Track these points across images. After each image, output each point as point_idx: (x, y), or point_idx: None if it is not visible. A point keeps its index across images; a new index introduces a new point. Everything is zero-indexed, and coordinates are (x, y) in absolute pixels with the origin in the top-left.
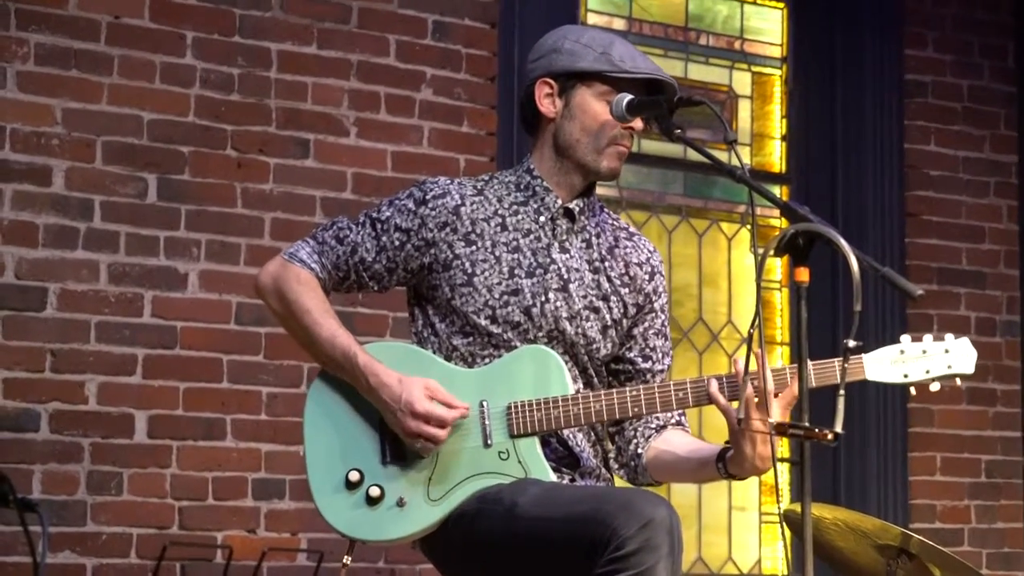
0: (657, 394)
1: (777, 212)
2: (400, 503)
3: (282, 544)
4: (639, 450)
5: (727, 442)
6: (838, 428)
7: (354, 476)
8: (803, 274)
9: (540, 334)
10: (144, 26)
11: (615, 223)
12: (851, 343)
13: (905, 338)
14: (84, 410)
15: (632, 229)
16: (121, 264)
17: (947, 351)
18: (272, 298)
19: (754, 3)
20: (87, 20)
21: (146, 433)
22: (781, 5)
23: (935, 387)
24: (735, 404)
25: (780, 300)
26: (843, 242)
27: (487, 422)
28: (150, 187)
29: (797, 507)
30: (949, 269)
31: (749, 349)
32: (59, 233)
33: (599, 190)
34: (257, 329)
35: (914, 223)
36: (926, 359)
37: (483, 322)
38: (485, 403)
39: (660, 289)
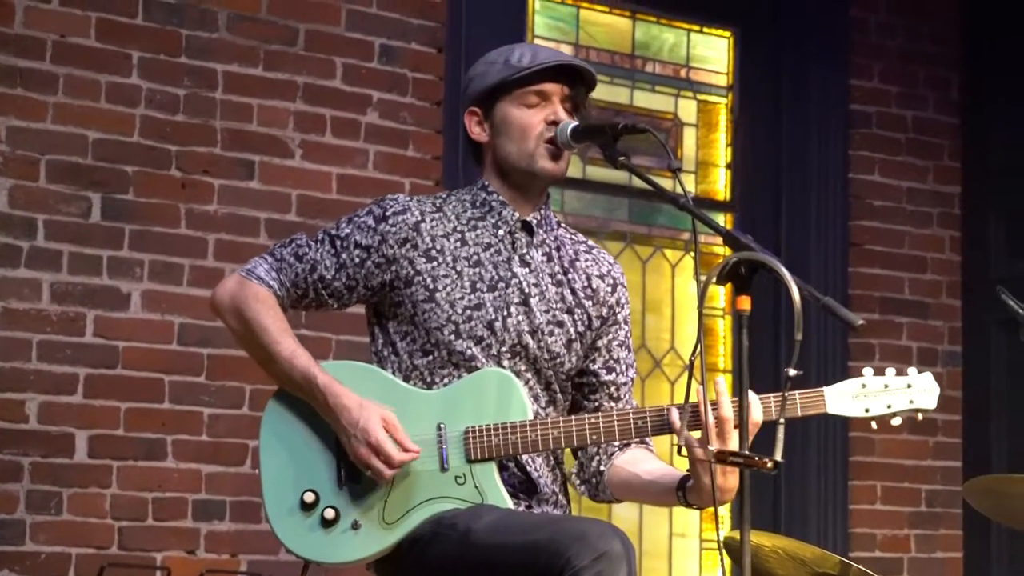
0: (616, 422)
1: (720, 240)
2: (355, 526)
3: (222, 566)
4: (601, 467)
5: (688, 470)
6: (778, 457)
7: (309, 497)
8: (745, 302)
9: (503, 348)
10: (90, 45)
11: (573, 237)
12: (791, 372)
13: (867, 371)
14: (24, 429)
15: (591, 243)
16: (64, 283)
17: (909, 385)
18: (229, 316)
19: (701, 31)
20: (32, 38)
21: (86, 452)
22: (728, 34)
23: (896, 422)
24: (696, 434)
25: (723, 327)
26: (784, 271)
27: (444, 446)
28: (94, 206)
29: (737, 534)
30: (891, 299)
31: (690, 377)
32: (1, 251)
33: None
34: (199, 350)
35: (857, 252)
36: (888, 394)
37: (447, 337)
38: (443, 426)
39: (623, 301)
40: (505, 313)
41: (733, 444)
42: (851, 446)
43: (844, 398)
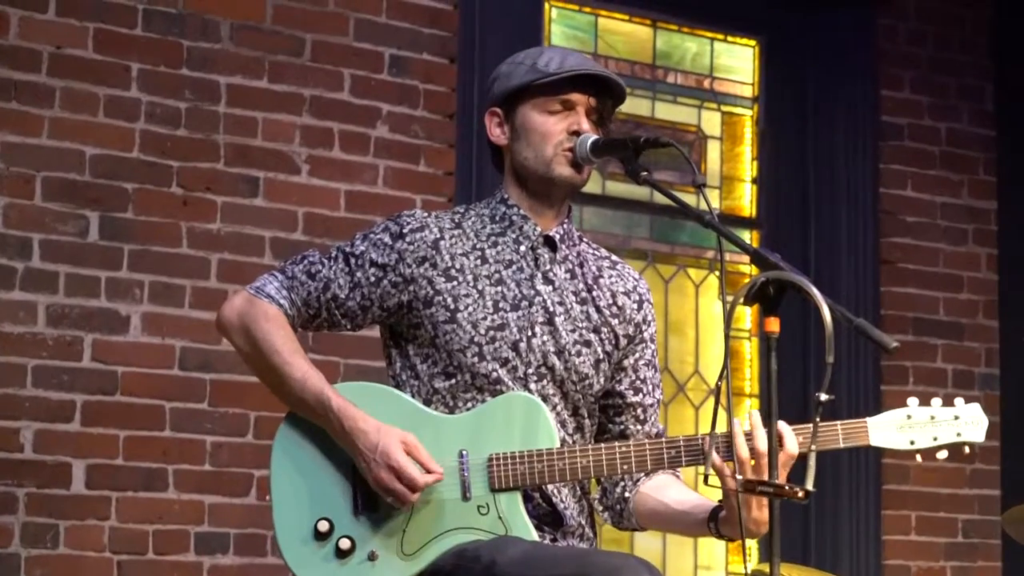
0: (648, 452)
1: (747, 259)
2: (372, 557)
3: None
4: (627, 494)
5: (721, 500)
6: (809, 486)
7: (323, 526)
8: (773, 324)
9: (529, 371)
10: (87, 57)
11: (596, 252)
12: (823, 397)
13: (912, 401)
14: (19, 458)
15: (614, 258)
16: (60, 305)
17: (957, 417)
18: (238, 336)
19: (725, 40)
20: (28, 50)
21: (84, 483)
22: (753, 43)
23: (942, 455)
24: (731, 464)
25: (749, 350)
26: (815, 291)
27: (466, 474)
28: (91, 225)
29: (765, 567)
30: (926, 319)
31: (716, 402)
32: None
33: None
34: (202, 375)
35: (889, 271)
36: (934, 425)
37: (470, 359)
38: (465, 453)
39: (649, 318)
40: (530, 333)
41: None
42: (884, 474)
43: (888, 429)
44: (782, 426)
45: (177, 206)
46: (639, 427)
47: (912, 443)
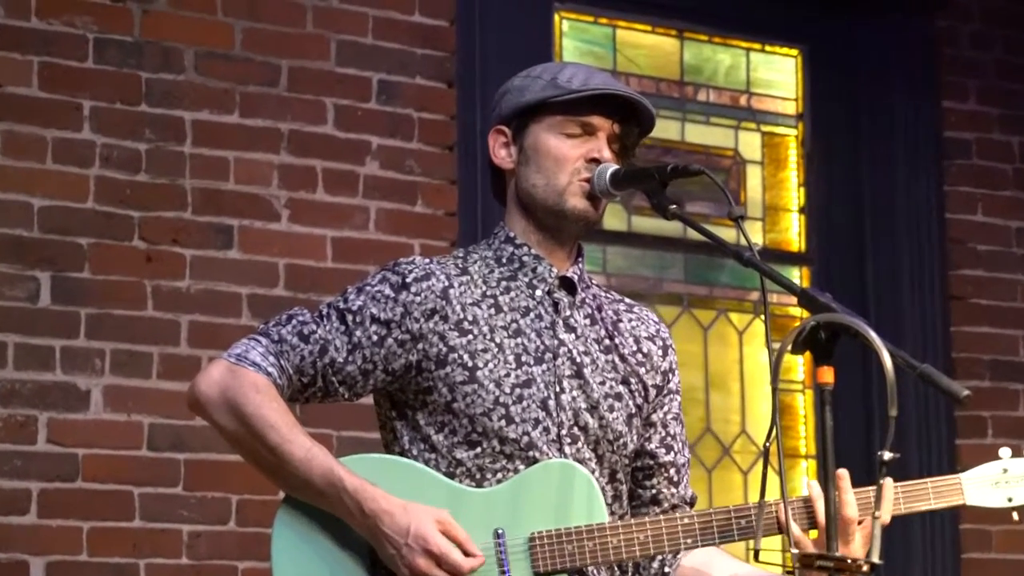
0: (715, 521)
1: (795, 300)
2: None
3: None
4: (666, 569)
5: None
6: (875, 558)
7: None
8: (827, 374)
9: (563, 432)
10: (32, 95)
11: (609, 295)
12: (886, 455)
13: (1005, 452)
14: None
15: (629, 300)
16: (9, 381)
17: None
18: (220, 413)
19: (762, 51)
20: None
21: None
22: (795, 52)
23: None
24: (813, 534)
25: (803, 405)
26: (873, 335)
27: (504, 556)
28: (43, 287)
29: None
30: (1004, 362)
31: (765, 465)
32: None
33: None
34: (174, 455)
35: (960, 308)
36: None
37: (496, 423)
38: (501, 532)
39: (674, 366)
40: (558, 389)
41: (856, 547)
42: (963, 541)
43: (983, 486)
44: (843, 487)
45: (140, 262)
46: (673, 490)
47: (1010, 500)
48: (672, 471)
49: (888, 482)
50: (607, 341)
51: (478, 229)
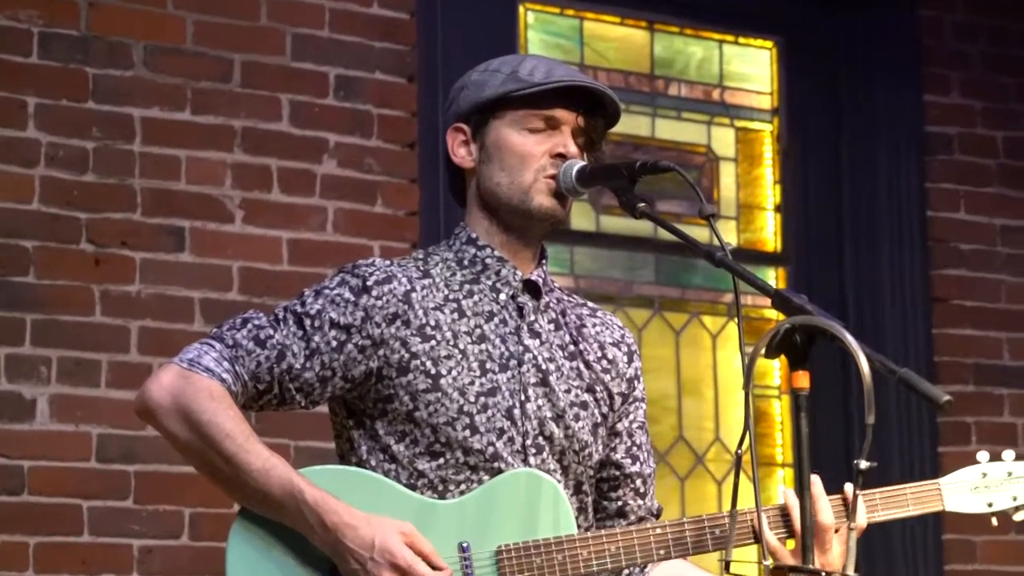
0: (688, 533)
1: (770, 302)
2: None
3: None
4: None
5: None
6: (851, 571)
7: None
8: (802, 379)
9: (527, 442)
10: None
11: (571, 299)
12: (863, 464)
13: (983, 456)
14: None
15: (592, 304)
16: None
17: None
18: (172, 421)
19: (736, 43)
20: None
21: None
22: (770, 44)
23: (1020, 517)
24: (791, 544)
25: (779, 411)
26: (849, 338)
27: (470, 571)
28: None
29: None
30: (988, 366)
31: (737, 475)
32: None
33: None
34: (124, 467)
35: (943, 310)
36: (1013, 483)
37: (460, 433)
38: (467, 546)
39: (640, 373)
40: (523, 397)
41: (833, 557)
42: (946, 552)
43: (963, 491)
44: (816, 493)
45: (88, 266)
46: (640, 502)
47: (990, 505)
48: (638, 482)
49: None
50: (571, 347)
51: (440, 230)
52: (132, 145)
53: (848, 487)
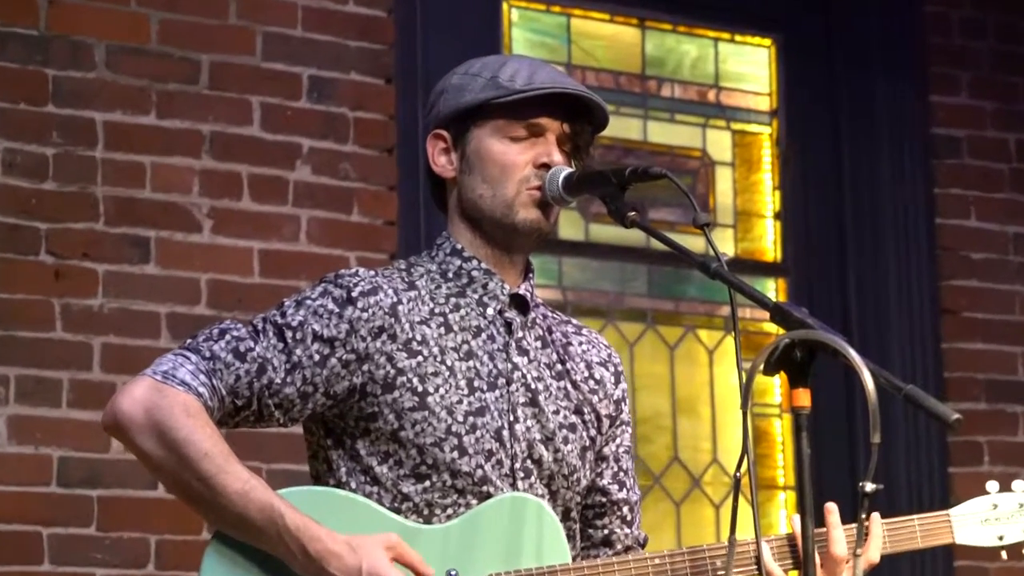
0: (688, 562)
1: (768, 315)
2: None
3: None
4: None
5: None
6: None
7: None
8: (803, 397)
9: (516, 465)
10: None
11: (555, 316)
12: (868, 487)
13: (992, 486)
14: None
15: (576, 322)
16: None
17: None
18: (144, 437)
19: (732, 41)
20: None
21: None
22: (768, 42)
23: None
24: (795, 575)
25: (780, 430)
26: (852, 353)
27: None
28: None
29: None
30: (1001, 382)
31: (736, 498)
32: None
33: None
34: (87, 492)
35: (953, 323)
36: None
37: (448, 455)
38: (454, 574)
39: (626, 395)
40: (511, 418)
41: None
42: None
43: (973, 523)
44: (832, 523)
45: (47, 279)
46: (627, 530)
47: (1001, 539)
48: (625, 509)
49: (875, 517)
50: (559, 366)
51: (421, 240)
52: (94, 151)
53: (875, 516)
